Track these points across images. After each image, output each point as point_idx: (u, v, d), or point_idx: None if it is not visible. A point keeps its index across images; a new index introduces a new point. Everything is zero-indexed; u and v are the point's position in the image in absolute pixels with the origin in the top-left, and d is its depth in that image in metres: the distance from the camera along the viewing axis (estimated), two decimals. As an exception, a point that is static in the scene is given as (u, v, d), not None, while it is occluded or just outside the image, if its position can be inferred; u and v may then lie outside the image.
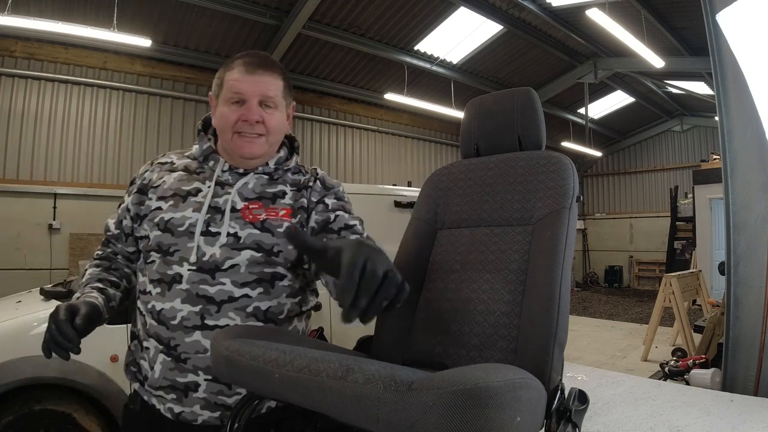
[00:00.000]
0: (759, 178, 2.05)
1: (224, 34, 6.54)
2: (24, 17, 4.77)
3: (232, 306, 0.98)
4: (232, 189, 1.04)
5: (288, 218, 1.05)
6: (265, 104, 1.02)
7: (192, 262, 0.97)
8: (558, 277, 0.93)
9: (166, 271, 0.99)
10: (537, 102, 1.19)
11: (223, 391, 0.97)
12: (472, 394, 0.54)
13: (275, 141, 1.07)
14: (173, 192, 1.04)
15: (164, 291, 0.98)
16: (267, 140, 1.04)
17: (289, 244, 1.00)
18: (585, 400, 0.87)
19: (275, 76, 1.03)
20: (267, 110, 1.02)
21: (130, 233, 1.10)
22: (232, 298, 0.98)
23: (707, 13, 2.19)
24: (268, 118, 1.02)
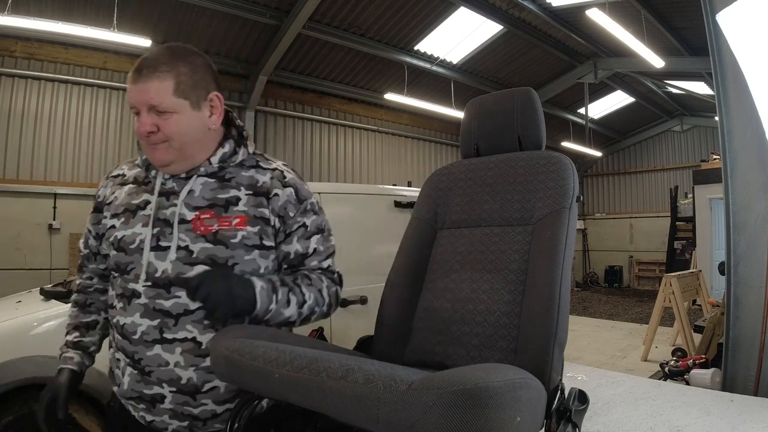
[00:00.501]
0: (759, 178, 2.05)
1: (224, 34, 6.53)
2: (24, 17, 4.76)
3: (189, 318, 0.96)
4: (178, 199, 0.99)
5: (243, 227, 0.98)
6: (156, 110, 0.94)
7: (143, 279, 0.96)
8: (558, 277, 0.93)
9: (126, 286, 0.99)
10: (537, 102, 1.19)
11: (189, 402, 0.96)
12: (472, 394, 0.54)
13: (185, 143, 0.97)
14: (124, 207, 1.03)
15: (125, 306, 0.98)
16: (171, 145, 0.96)
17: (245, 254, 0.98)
18: (585, 400, 0.87)
19: (161, 77, 0.93)
20: (162, 116, 0.94)
21: (97, 252, 1.12)
22: (188, 311, 0.96)
23: (707, 13, 2.19)
24: (164, 125, 0.94)
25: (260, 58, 6.98)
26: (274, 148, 7.80)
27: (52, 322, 2.13)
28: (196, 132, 0.99)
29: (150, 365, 0.96)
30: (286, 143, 8.04)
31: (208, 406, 0.97)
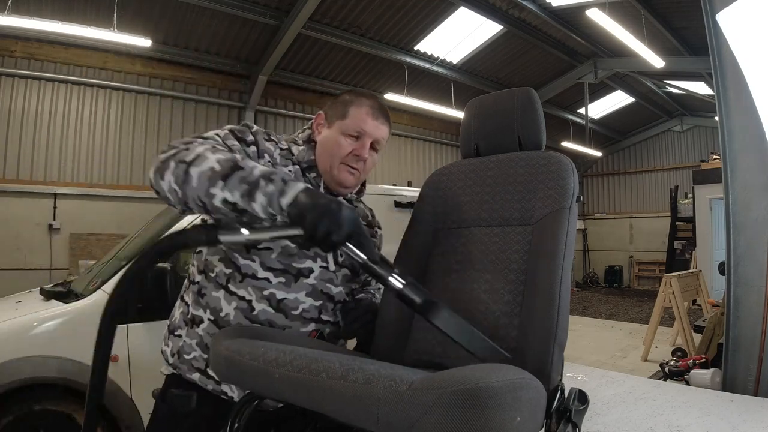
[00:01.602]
0: (759, 178, 2.05)
1: (224, 34, 6.54)
2: (24, 17, 4.77)
3: (338, 306, 1.11)
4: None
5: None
6: (373, 148, 1.12)
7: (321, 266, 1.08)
8: (558, 277, 0.93)
9: (292, 263, 1.05)
10: (537, 102, 1.19)
11: None
12: (472, 394, 0.54)
13: (362, 179, 1.18)
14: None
15: (289, 282, 1.04)
16: (361, 176, 1.14)
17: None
18: (585, 400, 0.87)
19: (388, 127, 1.15)
20: (371, 154, 1.13)
21: None
22: (340, 302, 1.12)
23: (707, 13, 2.19)
24: (369, 160, 1.12)
25: (260, 58, 6.98)
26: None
27: (52, 322, 2.13)
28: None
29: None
30: (286, 143, 8.04)
31: None
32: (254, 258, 1.03)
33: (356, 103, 1.10)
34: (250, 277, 1.03)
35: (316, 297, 1.06)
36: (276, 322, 1.03)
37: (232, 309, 1.03)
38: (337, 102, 1.13)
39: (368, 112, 1.09)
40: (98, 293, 2.23)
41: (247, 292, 1.03)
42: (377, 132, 1.10)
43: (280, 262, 1.04)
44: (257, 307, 1.02)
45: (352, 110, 1.09)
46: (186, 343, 1.06)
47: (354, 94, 1.13)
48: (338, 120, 1.09)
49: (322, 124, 1.13)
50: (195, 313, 1.06)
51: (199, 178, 0.83)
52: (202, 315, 1.05)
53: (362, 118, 1.08)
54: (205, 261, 1.08)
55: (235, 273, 1.04)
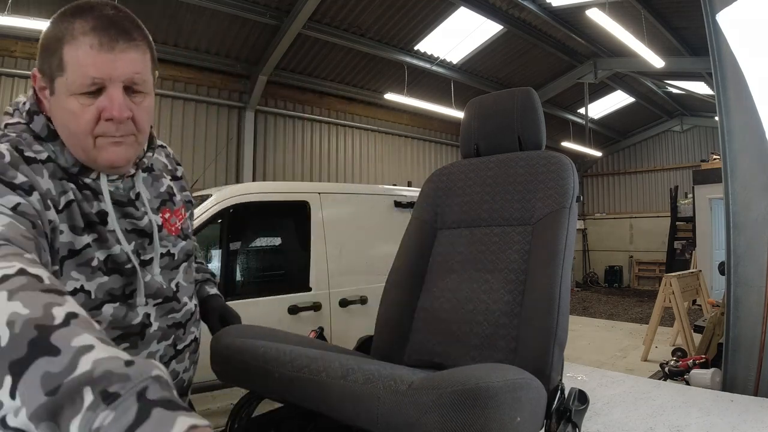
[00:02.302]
0: (759, 178, 2.05)
1: (224, 34, 6.53)
2: (24, 17, 4.76)
3: (193, 319, 0.89)
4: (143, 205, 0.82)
5: (186, 216, 0.93)
6: (133, 90, 0.72)
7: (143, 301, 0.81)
8: (558, 277, 0.93)
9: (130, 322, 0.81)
10: (537, 102, 1.19)
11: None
12: (472, 394, 0.54)
13: (145, 140, 0.80)
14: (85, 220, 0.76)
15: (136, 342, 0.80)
16: (137, 140, 0.75)
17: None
18: (585, 400, 0.87)
19: (139, 46, 0.72)
20: (135, 98, 0.72)
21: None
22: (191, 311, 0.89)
23: (707, 13, 2.19)
24: (138, 112, 0.73)
25: (260, 58, 6.98)
26: (274, 148, 7.80)
27: (52, 322, 2.13)
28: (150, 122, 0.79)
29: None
30: (286, 143, 8.04)
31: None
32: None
33: (69, 37, 0.68)
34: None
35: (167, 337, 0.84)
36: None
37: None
38: (45, 44, 0.70)
39: (92, 43, 0.67)
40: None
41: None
42: (124, 67, 0.69)
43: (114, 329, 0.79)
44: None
45: (68, 52, 0.68)
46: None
47: (61, 21, 0.69)
48: (58, 77, 0.69)
49: (44, 89, 0.72)
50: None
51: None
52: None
53: (88, 60, 0.67)
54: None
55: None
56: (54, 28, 0.70)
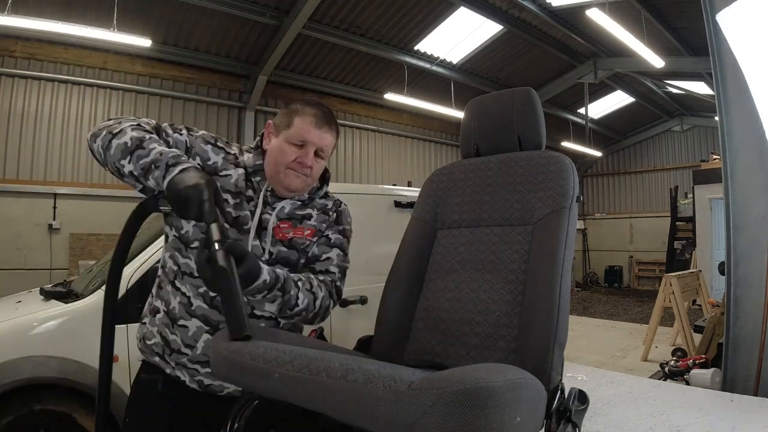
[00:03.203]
0: (759, 178, 2.05)
1: (224, 34, 6.53)
2: (24, 17, 4.76)
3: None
4: (272, 212, 1.17)
5: (311, 237, 1.21)
6: (318, 155, 1.16)
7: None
8: (558, 277, 0.93)
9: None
10: (537, 102, 1.19)
11: None
12: (472, 394, 0.54)
13: (313, 183, 1.21)
14: (237, 191, 1.16)
15: None
16: (307, 182, 1.17)
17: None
18: (585, 400, 0.87)
19: (333, 135, 1.18)
20: (318, 161, 1.16)
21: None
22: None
23: (707, 13, 2.19)
24: (315, 167, 1.16)
25: (260, 58, 6.98)
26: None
27: (52, 322, 2.13)
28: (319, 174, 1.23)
29: None
30: (286, 143, 8.04)
31: None
32: (189, 257, 1.12)
33: (301, 113, 1.15)
34: (188, 275, 1.13)
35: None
36: (210, 317, 1.11)
37: (177, 303, 1.13)
38: (285, 112, 1.19)
39: (311, 121, 1.14)
40: (98, 293, 2.22)
41: (187, 289, 1.13)
42: (321, 141, 1.15)
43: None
44: (194, 303, 1.12)
45: (297, 120, 1.14)
46: (149, 330, 1.18)
47: (301, 104, 1.18)
48: (284, 130, 1.15)
49: (272, 133, 1.18)
50: (155, 304, 1.19)
51: (116, 148, 1.01)
52: (159, 306, 1.17)
53: (305, 128, 1.14)
54: (163, 257, 1.20)
55: (179, 270, 1.14)
56: (293, 107, 1.18)
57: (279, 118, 1.19)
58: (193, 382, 1.13)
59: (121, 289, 2.17)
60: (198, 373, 1.12)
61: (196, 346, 1.11)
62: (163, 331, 1.15)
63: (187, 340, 1.12)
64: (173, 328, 1.13)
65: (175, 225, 1.15)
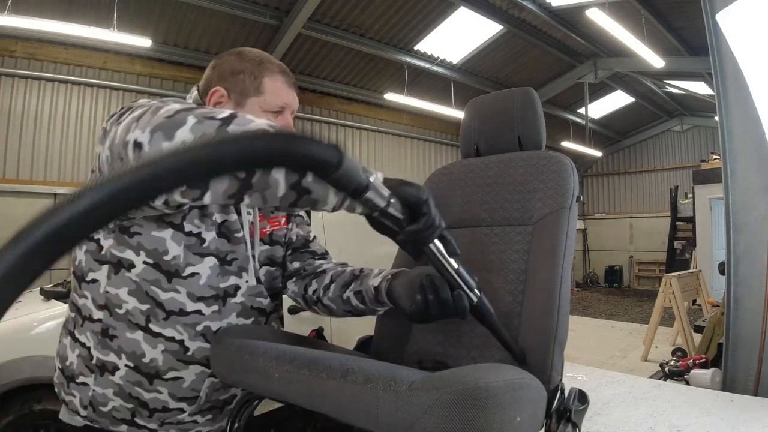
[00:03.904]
0: (759, 179, 2.05)
1: (224, 34, 6.53)
2: (24, 17, 4.76)
3: (277, 314, 1.05)
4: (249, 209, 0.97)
5: (286, 225, 1.08)
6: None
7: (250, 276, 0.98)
8: (558, 277, 0.93)
9: (219, 284, 0.91)
10: (537, 102, 1.19)
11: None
12: (472, 394, 0.54)
13: None
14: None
15: (220, 308, 0.91)
16: None
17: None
18: (585, 400, 0.87)
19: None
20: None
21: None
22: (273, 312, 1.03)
23: (707, 13, 2.19)
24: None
25: (260, 58, 6.98)
26: (274, 148, 7.80)
27: (52, 322, 2.13)
28: None
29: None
30: (286, 143, 8.04)
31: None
32: (179, 289, 0.86)
33: (268, 71, 0.93)
34: (177, 314, 0.86)
35: (247, 315, 0.94)
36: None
37: (159, 353, 0.86)
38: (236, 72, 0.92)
39: (284, 80, 0.95)
40: (98, 293, 2.23)
41: (177, 332, 0.87)
42: (295, 102, 0.98)
43: (210, 287, 0.88)
44: (192, 346, 0.88)
45: (268, 83, 0.93)
46: (97, 393, 0.87)
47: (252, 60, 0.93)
48: (253, 96, 0.92)
49: (222, 102, 0.91)
50: (103, 358, 0.87)
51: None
52: (116, 361, 0.86)
53: (281, 90, 0.94)
54: (105, 294, 0.86)
55: (156, 310, 0.86)
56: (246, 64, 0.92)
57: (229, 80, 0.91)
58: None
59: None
60: (197, 425, 0.92)
61: (199, 395, 0.90)
62: (132, 391, 0.86)
63: (181, 393, 0.88)
64: (152, 385, 0.86)
65: (149, 249, 0.85)
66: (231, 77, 0.92)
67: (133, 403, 0.87)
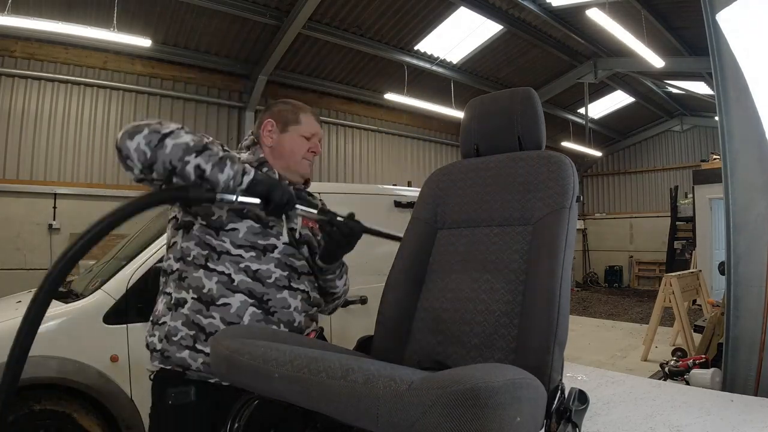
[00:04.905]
0: (759, 178, 2.05)
1: (224, 34, 6.53)
2: (24, 17, 4.76)
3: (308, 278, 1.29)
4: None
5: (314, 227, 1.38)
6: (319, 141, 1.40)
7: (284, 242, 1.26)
8: (558, 277, 0.93)
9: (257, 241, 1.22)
10: (537, 102, 1.19)
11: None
12: (472, 394, 0.54)
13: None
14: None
15: (259, 256, 1.21)
16: (311, 167, 1.40)
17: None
18: (585, 400, 0.87)
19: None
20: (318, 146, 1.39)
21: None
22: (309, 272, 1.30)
23: (707, 13, 2.19)
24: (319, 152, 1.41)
25: (260, 58, 6.98)
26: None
27: (52, 322, 2.13)
28: None
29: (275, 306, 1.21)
30: (286, 143, 8.04)
31: None
32: (224, 239, 1.20)
33: (302, 111, 1.37)
34: (226, 254, 1.19)
35: (283, 268, 1.23)
36: (255, 289, 1.18)
37: (213, 284, 1.17)
38: (282, 111, 1.37)
39: (314, 118, 1.39)
40: (98, 293, 2.23)
41: (226, 267, 1.18)
42: (321, 132, 1.41)
43: (247, 240, 1.20)
44: (236, 278, 1.18)
45: (302, 117, 1.36)
46: (171, 326, 1.18)
47: (292, 104, 1.40)
48: (292, 125, 1.34)
49: (273, 130, 1.34)
50: (178, 296, 1.20)
51: (173, 147, 1.04)
52: (186, 296, 1.18)
53: (312, 123, 1.37)
54: (181, 249, 1.22)
55: (211, 253, 1.19)
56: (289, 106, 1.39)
57: (277, 116, 1.36)
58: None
59: (121, 289, 2.20)
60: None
61: (242, 320, 1.16)
62: (194, 318, 1.16)
63: (229, 317, 1.15)
64: (209, 311, 1.15)
65: (201, 214, 1.20)
66: (279, 114, 1.37)
67: (194, 329, 1.16)
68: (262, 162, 1.31)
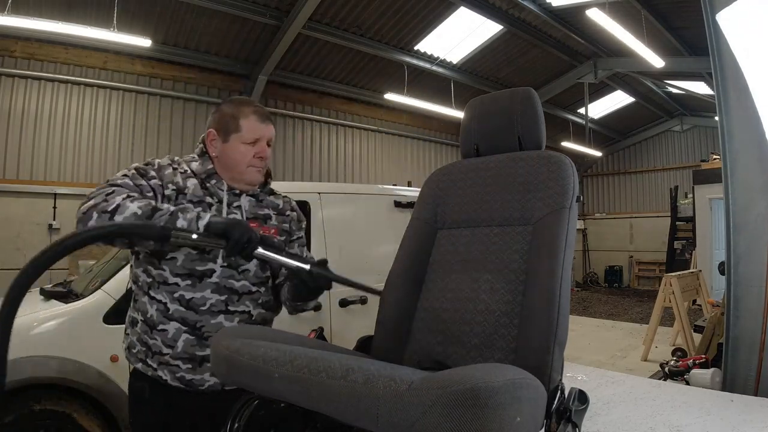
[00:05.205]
0: (759, 178, 2.05)
1: (224, 34, 6.53)
2: (24, 17, 4.76)
3: (250, 297, 1.29)
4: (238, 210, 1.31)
5: (277, 236, 1.35)
6: (268, 145, 1.33)
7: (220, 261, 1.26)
8: (558, 277, 0.93)
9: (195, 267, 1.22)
10: (537, 102, 1.19)
11: None
12: (472, 394, 0.54)
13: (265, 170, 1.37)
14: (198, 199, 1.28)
15: (195, 283, 1.23)
16: (263, 172, 1.35)
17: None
18: (585, 400, 0.87)
19: (273, 123, 1.36)
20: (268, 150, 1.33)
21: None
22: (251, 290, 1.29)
23: (707, 13, 2.19)
24: (269, 155, 1.34)
25: (260, 58, 6.98)
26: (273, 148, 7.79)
27: (52, 322, 2.13)
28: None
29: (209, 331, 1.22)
30: (287, 143, 8.04)
31: None
32: (164, 267, 1.23)
33: (242, 114, 1.28)
34: (163, 284, 1.22)
35: (221, 292, 1.25)
36: (188, 318, 1.22)
37: (154, 311, 1.23)
38: (223, 117, 1.30)
39: (256, 119, 1.29)
40: (98, 293, 2.23)
41: (162, 296, 1.22)
42: (269, 132, 1.32)
43: (185, 268, 1.22)
44: (171, 308, 1.22)
45: (242, 122, 1.27)
46: (131, 339, 1.29)
47: (233, 105, 1.30)
48: (233, 133, 1.27)
49: (215, 140, 1.30)
50: (133, 315, 1.29)
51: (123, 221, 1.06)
52: (137, 317, 1.27)
53: (254, 126, 1.28)
54: (135, 273, 1.29)
55: (153, 282, 1.24)
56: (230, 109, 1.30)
57: (218, 123, 1.30)
58: (174, 380, 1.21)
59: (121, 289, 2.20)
60: (180, 369, 1.21)
61: (176, 345, 1.21)
62: (142, 337, 1.24)
63: (167, 342, 1.21)
64: (152, 334, 1.22)
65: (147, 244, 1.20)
66: (219, 120, 1.31)
67: (144, 346, 1.25)
68: (210, 173, 1.29)
